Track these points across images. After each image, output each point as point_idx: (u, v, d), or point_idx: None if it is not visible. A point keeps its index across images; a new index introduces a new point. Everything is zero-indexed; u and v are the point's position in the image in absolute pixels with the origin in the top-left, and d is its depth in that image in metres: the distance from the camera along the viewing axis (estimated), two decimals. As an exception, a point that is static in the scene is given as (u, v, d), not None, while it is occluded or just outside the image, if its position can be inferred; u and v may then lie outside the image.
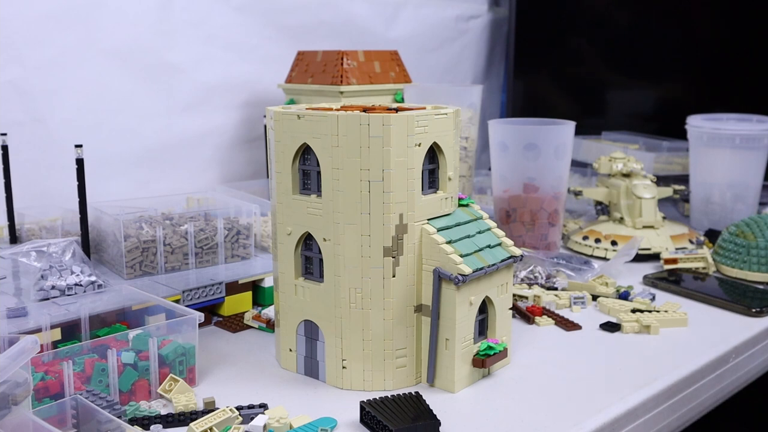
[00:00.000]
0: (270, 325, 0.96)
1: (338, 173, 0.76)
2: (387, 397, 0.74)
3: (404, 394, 0.75)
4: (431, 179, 0.81)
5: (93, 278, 0.93)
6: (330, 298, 0.79)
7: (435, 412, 0.72)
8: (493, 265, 0.80)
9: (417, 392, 0.76)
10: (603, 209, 1.38)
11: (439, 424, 0.70)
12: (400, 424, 0.69)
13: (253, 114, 1.56)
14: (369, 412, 0.71)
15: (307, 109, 0.81)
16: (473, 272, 0.77)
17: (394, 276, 0.78)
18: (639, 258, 1.23)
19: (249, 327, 0.98)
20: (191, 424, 0.68)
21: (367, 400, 0.73)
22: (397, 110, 0.80)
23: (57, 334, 0.82)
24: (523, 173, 1.26)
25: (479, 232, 0.83)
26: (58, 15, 1.27)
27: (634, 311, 1.00)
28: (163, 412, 0.75)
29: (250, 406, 0.74)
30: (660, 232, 1.28)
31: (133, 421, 0.71)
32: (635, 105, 1.97)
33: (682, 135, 1.50)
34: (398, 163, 0.76)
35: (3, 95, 1.23)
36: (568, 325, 0.98)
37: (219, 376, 0.83)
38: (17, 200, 1.15)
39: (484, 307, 0.83)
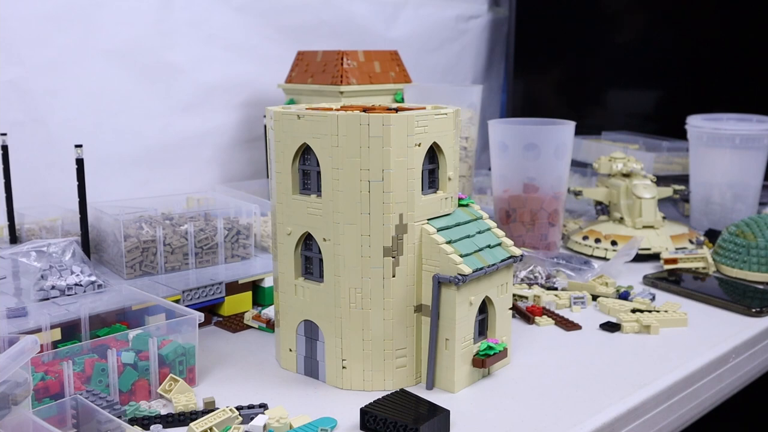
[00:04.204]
0: (270, 325, 0.96)
1: (338, 173, 0.76)
2: (381, 398, 0.73)
3: (394, 392, 0.74)
4: (431, 179, 0.81)
5: (93, 278, 0.93)
6: (330, 298, 0.79)
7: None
8: (493, 265, 0.80)
9: (402, 389, 0.75)
10: (603, 209, 1.37)
11: (449, 412, 0.70)
12: (418, 422, 0.67)
13: (253, 114, 1.56)
14: (376, 416, 0.69)
15: (307, 109, 0.81)
16: (473, 272, 0.77)
17: (394, 276, 0.78)
18: (639, 258, 1.23)
19: (249, 327, 0.98)
20: (191, 424, 0.68)
21: (367, 405, 0.71)
22: (397, 110, 0.80)
23: (57, 334, 0.82)
24: (523, 173, 1.26)
25: (479, 232, 0.83)
26: (58, 15, 1.27)
27: (634, 311, 1.00)
28: (163, 412, 0.74)
29: (250, 406, 0.74)
30: (660, 232, 1.28)
31: (133, 421, 0.71)
32: (635, 105, 1.97)
33: (682, 135, 1.50)
34: (398, 163, 0.76)
35: (3, 95, 1.23)
36: (568, 325, 0.98)
37: (219, 376, 0.83)
38: (17, 200, 1.15)
39: (484, 307, 0.83)
